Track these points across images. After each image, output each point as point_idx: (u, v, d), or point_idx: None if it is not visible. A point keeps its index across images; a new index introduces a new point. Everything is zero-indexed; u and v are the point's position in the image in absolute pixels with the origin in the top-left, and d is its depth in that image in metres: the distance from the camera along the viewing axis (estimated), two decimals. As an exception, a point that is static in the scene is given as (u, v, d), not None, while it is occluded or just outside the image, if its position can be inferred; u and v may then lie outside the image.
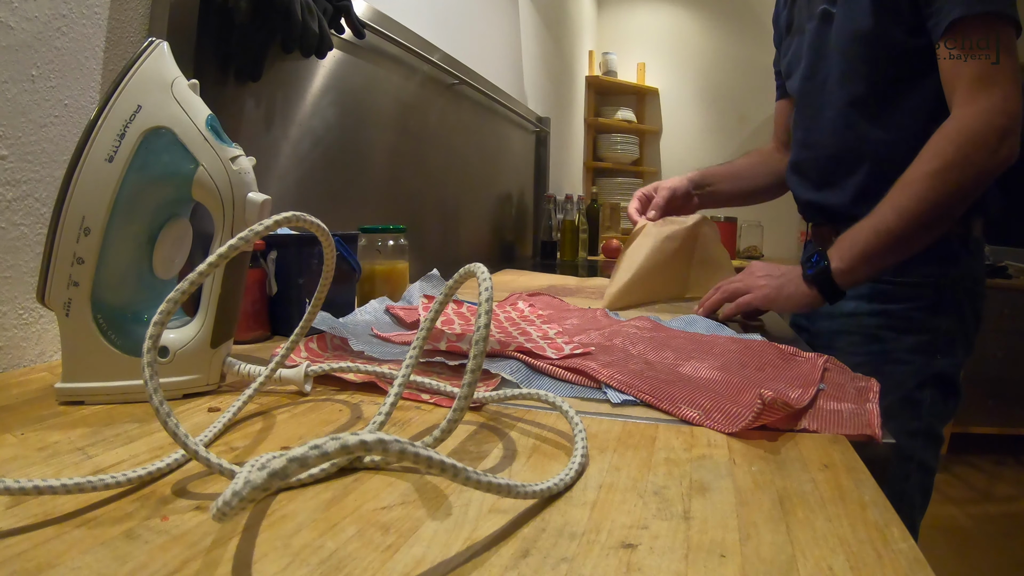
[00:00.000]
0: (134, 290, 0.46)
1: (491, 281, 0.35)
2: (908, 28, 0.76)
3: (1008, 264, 2.56)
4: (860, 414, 0.44)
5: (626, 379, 0.49)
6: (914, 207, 0.70)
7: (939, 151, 0.70)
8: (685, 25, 3.52)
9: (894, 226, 0.71)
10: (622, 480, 0.33)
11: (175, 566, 0.24)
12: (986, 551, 1.84)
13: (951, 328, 0.81)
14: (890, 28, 0.76)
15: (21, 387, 0.48)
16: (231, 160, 0.46)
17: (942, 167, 0.69)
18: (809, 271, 0.75)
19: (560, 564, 0.25)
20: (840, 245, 0.74)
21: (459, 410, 0.34)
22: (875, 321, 0.83)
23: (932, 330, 0.80)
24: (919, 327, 0.81)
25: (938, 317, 0.80)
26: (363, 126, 1.07)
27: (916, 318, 0.81)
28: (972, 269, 0.82)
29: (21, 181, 0.53)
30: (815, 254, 0.76)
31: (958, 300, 0.81)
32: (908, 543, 0.27)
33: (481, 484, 0.27)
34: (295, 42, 0.75)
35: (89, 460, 0.34)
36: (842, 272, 0.73)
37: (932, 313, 0.80)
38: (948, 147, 0.69)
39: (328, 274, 0.44)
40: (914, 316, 0.81)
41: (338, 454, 0.23)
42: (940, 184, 0.69)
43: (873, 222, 0.72)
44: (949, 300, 0.80)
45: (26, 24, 0.52)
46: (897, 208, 0.71)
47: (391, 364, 0.52)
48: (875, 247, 0.72)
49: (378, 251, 0.84)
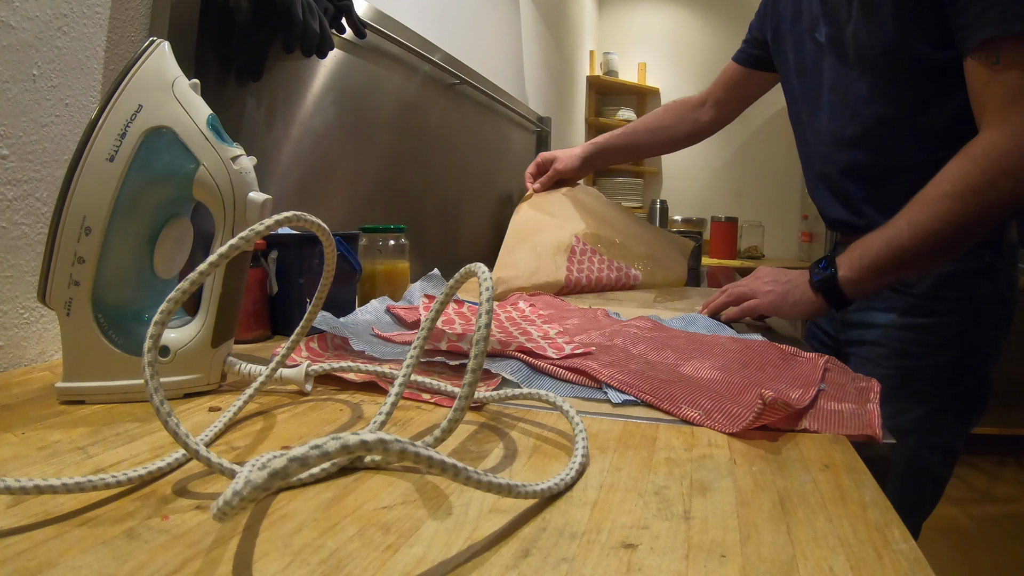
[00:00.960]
0: (135, 289, 0.46)
1: (492, 281, 0.35)
2: (934, 42, 0.71)
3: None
4: (861, 414, 0.44)
5: (627, 379, 0.49)
6: (931, 226, 0.67)
7: (964, 172, 0.66)
8: (686, 25, 3.52)
9: (908, 243, 0.68)
10: (623, 480, 0.33)
11: (176, 565, 0.24)
12: (986, 551, 1.84)
13: (982, 343, 0.78)
14: (915, 42, 0.72)
15: (22, 386, 0.48)
16: (232, 160, 0.46)
17: (966, 190, 0.65)
18: (815, 278, 0.74)
19: (560, 564, 0.25)
20: (851, 254, 0.72)
21: (460, 410, 0.34)
22: (907, 335, 0.80)
23: (963, 347, 0.77)
24: (950, 343, 0.77)
25: (971, 333, 0.77)
26: (364, 126, 1.07)
27: (948, 335, 0.77)
28: (1009, 277, 0.78)
29: (22, 180, 0.53)
30: (823, 260, 0.75)
31: (992, 312, 0.78)
32: (908, 543, 0.27)
33: (482, 484, 0.27)
34: (296, 42, 0.75)
35: (90, 459, 0.34)
36: (850, 281, 0.72)
37: (966, 328, 0.77)
38: (974, 169, 0.65)
39: (329, 274, 0.44)
40: (948, 332, 0.78)
41: (339, 454, 0.23)
42: (960, 207, 0.65)
43: (887, 235, 0.69)
44: (983, 314, 0.77)
45: (27, 23, 0.52)
46: (913, 225, 0.68)
47: (392, 364, 0.52)
48: (886, 261, 0.69)
49: (379, 251, 0.84)
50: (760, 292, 0.80)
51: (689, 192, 3.50)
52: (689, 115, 1.17)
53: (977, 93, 0.68)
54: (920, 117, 0.75)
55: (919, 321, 0.79)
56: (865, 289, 0.72)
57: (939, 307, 0.78)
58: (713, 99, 1.15)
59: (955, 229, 0.66)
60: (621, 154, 1.19)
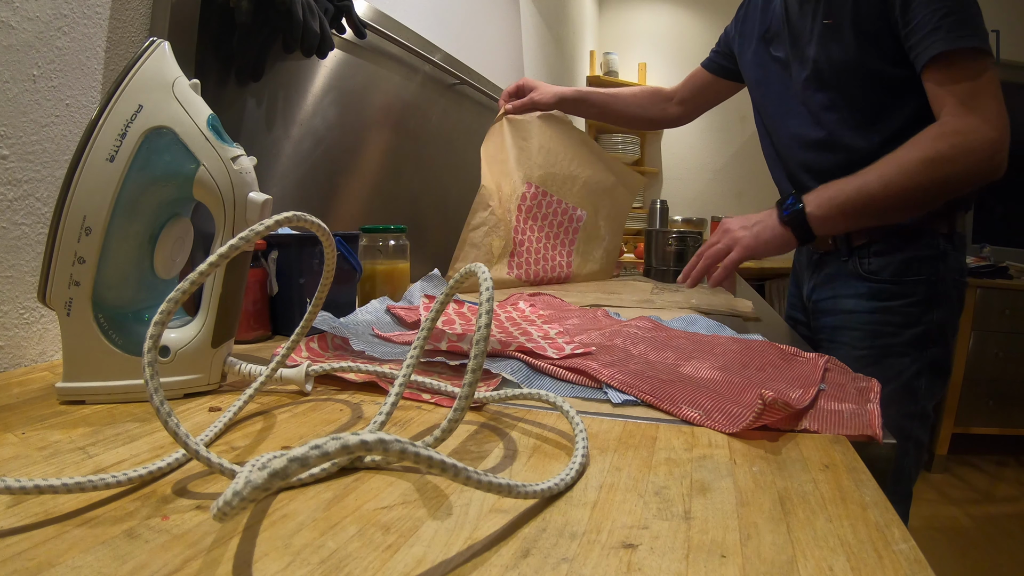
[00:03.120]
0: (135, 290, 0.46)
1: (492, 281, 0.35)
2: (891, 60, 0.81)
3: (1008, 264, 2.55)
4: (861, 414, 0.44)
5: (627, 379, 0.49)
6: (901, 183, 0.75)
7: (933, 144, 0.74)
8: (686, 25, 3.52)
9: (877, 193, 0.76)
10: (623, 480, 0.33)
11: (176, 565, 0.24)
12: (986, 551, 1.84)
13: (943, 319, 0.88)
14: (874, 61, 0.82)
15: (22, 386, 0.48)
16: (232, 160, 0.46)
17: (937, 157, 0.73)
18: (785, 212, 0.82)
19: (561, 564, 0.25)
20: (821, 193, 0.80)
21: (460, 410, 0.34)
22: (875, 318, 0.89)
23: (927, 323, 0.87)
24: (916, 321, 0.87)
25: (932, 311, 0.87)
26: (364, 126, 1.07)
27: (913, 313, 0.87)
28: (958, 262, 0.89)
29: (22, 181, 0.53)
30: (791, 197, 0.83)
31: (948, 293, 0.88)
32: (909, 544, 0.27)
33: (482, 484, 0.27)
34: (296, 42, 0.75)
35: (90, 459, 0.34)
36: (817, 218, 0.80)
37: (927, 307, 0.87)
38: (942, 143, 0.74)
39: (329, 274, 0.44)
40: (911, 311, 0.87)
41: (339, 454, 0.23)
42: (931, 171, 0.74)
43: (859, 183, 0.77)
44: (941, 294, 0.87)
45: (27, 24, 0.52)
46: (884, 179, 0.76)
47: (392, 364, 0.52)
48: (854, 205, 0.78)
49: (379, 251, 0.84)
50: (733, 242, 0.86)
51: (689, 192, 3.50)
52: (660, 104, 1.28)
53: (935, 100, 0.77)
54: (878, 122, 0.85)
55: (885, 304, 0.89)
56: (830, 228, 0.81)
57: (903, 290, 0.88)
58: (679, 97, 1.26)
59: (919, 190, 0.75)
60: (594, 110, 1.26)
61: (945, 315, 0.88)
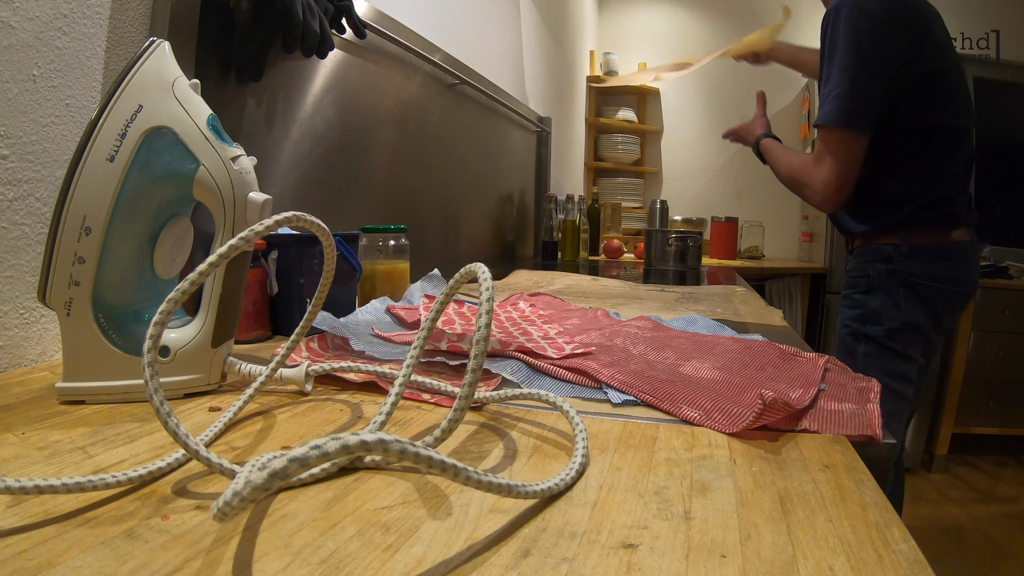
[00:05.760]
0: (135, 290, 0.46)
1: (492, 281, 0.35)
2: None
3: (1008, 264, 2.55)
4: (861, 414, 0.44)
5: (627, 379, 0.49)
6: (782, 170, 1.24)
7: (801, 164, 1.18)
8: (686, 25, 3.52)
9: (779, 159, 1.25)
10: (623, 480, 0.33)
11: (176, 565, 0.24)
12: (986, 551, 1.83)
13: (878, 306, 1.15)
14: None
15: (22, 386, 0.48)
16: (232, 160, 0.46)
17: (799, 170, 1.18)
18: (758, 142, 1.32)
19: (561, 564, 0.25)
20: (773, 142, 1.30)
21: (460, 410, 0.34)
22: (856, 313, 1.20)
23: (863, 306, 1.17)
24: (857, 304, 1.19)
25: (868, 297, 1.16)
26: (364, 126, 1.07)
27: (856, 298, 1.19)
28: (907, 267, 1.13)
29: (22, 181, 0.53)
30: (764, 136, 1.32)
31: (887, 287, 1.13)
32: (909, 543, 0.27)
33: (482, 484, 0.27)
34: (296, 42, 0.75)
35: (90, 459, 0.34)
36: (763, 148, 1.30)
37: (865, 295, 1.17)
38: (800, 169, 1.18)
39: (329, 274, 0.44)
40: (855, 297, 1.19)
41: (339, 454, 0.23)
42: (788, 175, 1.22)
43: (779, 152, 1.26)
44: (878, 287, 1.15)
45: (27, 24, 0.52)
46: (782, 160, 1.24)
47: (392, 364, 0.52)
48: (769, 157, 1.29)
49: (379, 251, 0.84)
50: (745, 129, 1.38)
51: (689, 192, 3.50)
52: None
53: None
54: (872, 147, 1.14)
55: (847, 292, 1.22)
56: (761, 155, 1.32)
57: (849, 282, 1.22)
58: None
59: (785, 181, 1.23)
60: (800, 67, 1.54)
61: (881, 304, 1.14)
